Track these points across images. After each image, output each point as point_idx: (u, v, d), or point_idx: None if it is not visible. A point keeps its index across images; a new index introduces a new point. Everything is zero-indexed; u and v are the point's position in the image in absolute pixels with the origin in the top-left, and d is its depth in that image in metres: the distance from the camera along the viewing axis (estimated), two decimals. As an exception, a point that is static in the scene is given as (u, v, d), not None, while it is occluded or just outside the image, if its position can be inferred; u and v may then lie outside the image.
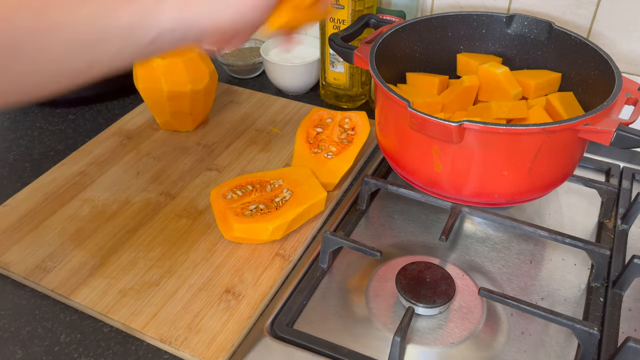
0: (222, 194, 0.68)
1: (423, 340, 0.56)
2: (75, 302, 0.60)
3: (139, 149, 0.81)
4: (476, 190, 0.63)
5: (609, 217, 0.69)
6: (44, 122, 0.90)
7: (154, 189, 0.74)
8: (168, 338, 0.56)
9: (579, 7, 0.78)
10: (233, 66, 0.99)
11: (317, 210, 0.68)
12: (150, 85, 0.78)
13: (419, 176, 0.66)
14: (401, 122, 0.62)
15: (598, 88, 0.65)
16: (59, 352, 0.56)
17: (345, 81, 0.90)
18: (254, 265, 0.63)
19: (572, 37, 0.70)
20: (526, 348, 0.55)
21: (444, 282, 0.58)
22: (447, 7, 0.87)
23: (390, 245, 0.67)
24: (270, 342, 0.55)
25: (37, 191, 0.74)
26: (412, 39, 0.76)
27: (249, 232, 0.64)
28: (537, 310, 0.54)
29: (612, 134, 0.55)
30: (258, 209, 0.65)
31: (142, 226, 0.68)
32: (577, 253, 0.65)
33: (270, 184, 0.69)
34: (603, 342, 0.55)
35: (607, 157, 0.79)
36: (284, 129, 0.86)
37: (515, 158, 0.59)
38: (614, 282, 0.61)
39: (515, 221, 0.64)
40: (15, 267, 0.63)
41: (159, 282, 0.61)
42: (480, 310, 0.58)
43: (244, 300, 0.60)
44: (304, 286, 0.61)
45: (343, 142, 0.76)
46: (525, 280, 0.62)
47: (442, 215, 0.70)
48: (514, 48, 0.77)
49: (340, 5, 0.81)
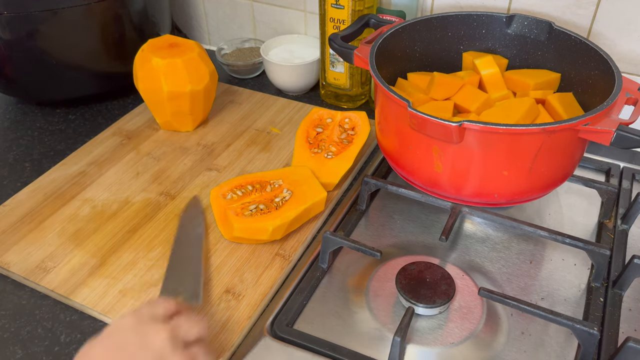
0: (222, 194, 0.68)
1: (423, 340, 0.56)
2: (75, 302, 0.60)
3: (139, 149, 0.82)
4: (476, 190, 0.63)
5: (609, 217, 0.69)
6: (44, 122, 0.90)
7: (154, 189, 0.74)
8: (168, 338, 0.56)
9: (579, 7, 0.78)
10: (233, 66, 0.99)
11: (317, 210, 0.68)
12: (150, 85, 0.78)
13: (419, 176, 0.66)
14: (401, 122, 0.62)
15: (598, 88, 0.65)
16: (59, 352, 0.56)
17: (345, 81, 0.90)
18: (254, 265, 0.63)
19: (572, 37, 0.70)
20: (526, 348, 0.55)
21: (444, 282, 0.58)
22: (447, 7, 0.87)
23: (390, 245, 0.67)
24: (270, 342, 0.55)
25: (37, 191, 0.74)
26: (412, 39, 0.76)
27: (249, 232, 0.64)
28: (537, 310, 0.54)
29: (612, 134, 0.55)
30: (258, 209, 0.65)
31: (142, 226, 0.69)
32: (577, 253, 0.65)
33: (270, 184, 0.69)
34: (603, 342, 0.55)
35: (607, 157, 0.79)
36: (284, 129, 0.86)
37: (515, 158, 0.59)
38: (614, 282, 0.61)
39: (515, 221, 0.64)
40: (15, 267, 0.63)
41: (159, 282, 0.61)
42: (480, 310, 0.58)
43: (244, 300, 0.60)
44: (304, 286, 0.61)
45: (343, 142, 0.76)
46: (525, 280, 0.62)
47: (442, 215, 0.70)
48: (514, 48, 0.77)
49: (340, 5, 0.81)
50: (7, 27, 0.80)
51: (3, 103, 0.95)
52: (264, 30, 1.05)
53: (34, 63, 0.84)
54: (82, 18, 0.82)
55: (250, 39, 1.05)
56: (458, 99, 0.70)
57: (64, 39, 0.83)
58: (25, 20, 0.79)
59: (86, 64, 0.88)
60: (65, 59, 0.85)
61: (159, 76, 0.77)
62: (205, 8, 1.08)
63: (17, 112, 0.93)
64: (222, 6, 1.06)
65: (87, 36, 0.85)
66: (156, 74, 0.77)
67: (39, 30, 0.81)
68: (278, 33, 1.03)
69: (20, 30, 0.80)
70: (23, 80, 0.87)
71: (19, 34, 0.80)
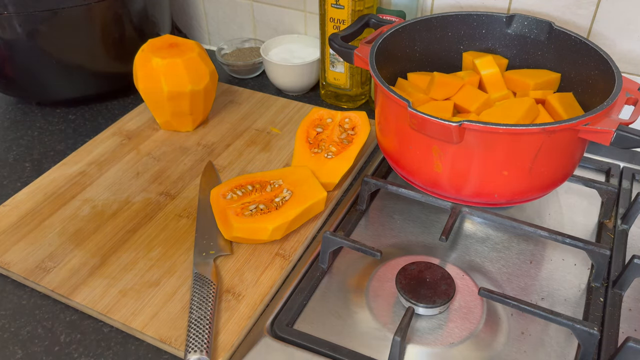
0: (222, 194, 0.68)
1: (423, 340, 0.56)
2: (75, 302, 0.60)
3: (139, 149, 0.82)
4: (476, 190, 0.63)
5: (609, 217, 0.69)
6: (44, 122, 0.90)
7: (154, 189, 0.74)
8: (168, 338, 0.56)
9: (579, 7, 0.78)
10: (233, 66, 0.99)
11: (317, 211, 0.68)
12: (150, 85, 0.78)
13: (419, 176, 0.66)
14: (401, 122, 0.62)
15: (598, 88, 0.65)
16: (59, 352, 0.56)
17: (345, 81, 0.90)
18: (254, 265, 0.63)
19: (572, 37, 0.70)
20: (526, 348, 0.55)
21: (444, 282, 0.58)
22: (447, 7, 0.87)
23: (390, 245, 0.67)
24: (270, 342, 0.55)
25: (37, 191, 0.74)
26: (412, 39, 0.76)
27: (248, 232, 0.64)
28: (537, 310, 0.54)
29: (612, 134, 0.55)
30: (258, 209, 0.65)
31: (142, 226, 0.69)
32: (577, 253, 0.65)
33: (270, 184, 0.69)
34: (603, 342, 0.55)
35: (607, 157, 0.79)
36: (284, 129, 0.86)
37: (515, 158, 0.59)
38: (614, 282, 0.61)
39: (515, 221, 0.64)
40: (15, 267, 0.63)
41: (159, 282, 0.61)
42: (480, 310, 0.58)
43: (244, 300, 0.60)
44: (304, 286, 0.61)
45: (343, 142, 0.76)
46: (525, 280, 0.62)
47: (442, 215, 0.70)
48: (514, 48, 0.77)
49: (340, 5, 0.81)
50: (7, 27, 0.80)
51: (3, 103, 0.95)
52: (264, 30, 1.05)
53: (34, 63, 0.84)
54: (82, 18, 0.82)
55: (250, 39, 1.05)
56: (458, 99, 0.70)
57: (64, 39, 0.83)
58: (25, 20, 0.79)
59: (86, 64, 0.88)
60: (65, 59, 0.85)
61: (159, 76, 0.77)
62: (205, 8, 1.08)
63: (17, 112, 0.93)
64: (222, 6, 1.06)
65: (87, 36, 0.85)
66: (156, 74, 0.77)
67: (39, 30, 0.81)
68: (278, 33, 1.03)
69: (20, 30, 0.80)
70: (23, 80, 0.87)
71: (19, 34, 0.80)
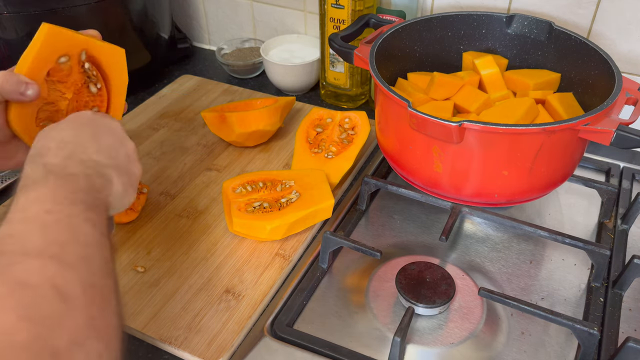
0: (232, 187, 0.68)
1: (423, 340, 0.56)
2: (75, 302, 0.59)
3: (139, 149, 0.81)
4: (476, 190, 0.63)
5: (609, 217, 0.69)
6: (44, 122, 0.90)
7: (154, 189, 0.74)
8: (168, 338, 0.56)
9: (579, 7, 0.78)
10: (233, 66, 0.99)
11: (323, 216, 0.67)
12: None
13: (419, 176, 0.66)
14: (401, 122, 0.62)
15: (598, 88, 0.65)
16: (59, 352, 0.56)
17: (345, 81, 0.90)
18: (254, 265, 0.63)
19: (572, 37, 0.70)
20: (526, 348, 0.55)
21: (444, 282, 0.58)
22: (447, 7, 0.87)
23: (390, 245, 0.67)
24: (270, 342, 0.55)
25: (37, 191, 0.73)
26: (412, 39, 0.76)
27: (246, 228, 0.64)
28: (537, 310, 0.54)
29: (612, 134, 0.55)
30: (261, 207, 0.65)
31: (142, 226, 0.69)
32: (577, 253, 0.65)
33: (282, 183, 0.69)
34: (603, 342, 0.55)
35: (607, 157, 0.79)
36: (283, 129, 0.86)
37: (516, 158, 0.59)
38: (614, 282, 0.61)
39: (515, 221, 0.64)
40: (15, 267, 0.63)
41: (159, 282, 0.61)
42: (480, 310, 0.58)
43: (244, 300, 0.60)
44: (304, 286, 0.61)
45: (343, 142, 0.76)
46: (525, 280, 0.62)
47: (442, 215, 0.70)
48: (514, 48, 0.77)
49: (340, 5, 0.81)
50: (7, 27, 0.80)
51: (3, 103, 0.94)
52: (264, 30, 1.05)
53: (34, 63, 0.84)
54: (82, 18, 0.82)
55: (250, 39, 1.05)
56: (458, 99, 0.70)
57: (64, 39, 0.83)
58: (25, 20, 0.79)
59: (86, 64, 0.88)
60: (65, 59, 0.85)
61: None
62: (205, 8, 1.08)
63: (17, 112, 0.92)
64: (222, 6, 1.06)
65: (87, 36, 0.85)
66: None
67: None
68: (278, 33, 1.03)
69: (20, 30, 0.80)
70: (23, 80, 0.87)
71: (19, 34, 0.80)
